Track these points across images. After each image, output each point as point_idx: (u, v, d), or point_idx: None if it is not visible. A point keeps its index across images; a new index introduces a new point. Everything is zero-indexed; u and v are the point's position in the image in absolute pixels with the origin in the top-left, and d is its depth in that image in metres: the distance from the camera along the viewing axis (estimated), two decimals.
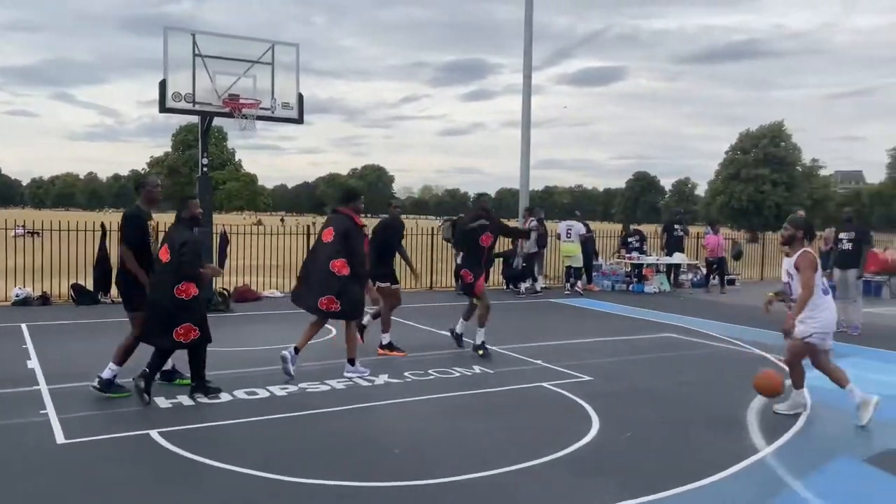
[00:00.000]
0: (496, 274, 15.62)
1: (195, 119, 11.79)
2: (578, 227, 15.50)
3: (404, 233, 8.88)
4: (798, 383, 6.18)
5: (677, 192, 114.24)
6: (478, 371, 7.48)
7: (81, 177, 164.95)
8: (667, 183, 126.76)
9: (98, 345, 7.58)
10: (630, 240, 16.84)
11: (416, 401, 6.33)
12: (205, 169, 11.16)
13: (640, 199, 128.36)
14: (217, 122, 11.77)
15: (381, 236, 8.34)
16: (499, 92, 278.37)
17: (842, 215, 12.21)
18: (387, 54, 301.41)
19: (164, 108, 10.51)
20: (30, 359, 7.57)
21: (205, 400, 6.12)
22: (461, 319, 8.57)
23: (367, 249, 7.25)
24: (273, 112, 10.89)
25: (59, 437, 5.10)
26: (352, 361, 7.11)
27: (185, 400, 6.11)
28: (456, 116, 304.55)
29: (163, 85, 10.43)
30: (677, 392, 6.88)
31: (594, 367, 7.75)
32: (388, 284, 8.38)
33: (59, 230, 12.77)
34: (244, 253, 14.38)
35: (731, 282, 17.33)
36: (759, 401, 6.50)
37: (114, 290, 10.64)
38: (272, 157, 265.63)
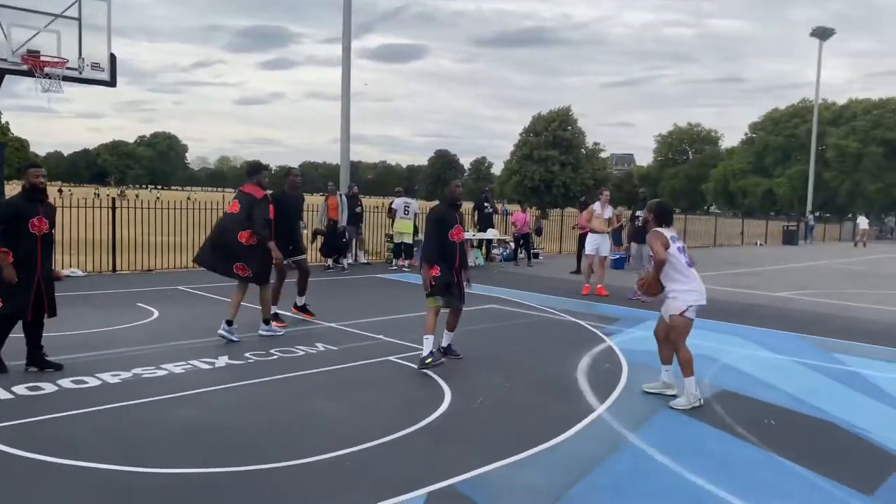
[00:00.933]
0: (314, 251, 15.47)
1: None
2: (415, 204, 15.96)
3: (304, 206, 9.39)
4: (686, 370, 5.74)
5: (475, 171, 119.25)
6: (322, 349, 7.43)
7: None
8: (466, 161, 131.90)
9: None
10: None
11: (262, 382, 6.17)
12: None
13: (442, 176, 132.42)
14: None
15: (278, 208, 7.96)
16: (300, 62, 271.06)
17: (638, 196, 13.66)
18: (179, 15, 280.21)
19: None
20: None
21: (25, 392, 5.55)
22: (445, 331, 7.20)
23: (273, 217, 7.70)
24: (81, 73, 9.84)
25: None
26: (266, 322, 7.85)
27: (1, 393, 5.49)
28: (254, 84, 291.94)
29: None
30: (513, 359, 7.36)
31: None
32: (295, 258, 8.51)
33: None
34: None
35: (536, 255, 18.68)
36: (584, 363, 7.18)
37: None
38: (44, 121, 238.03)
